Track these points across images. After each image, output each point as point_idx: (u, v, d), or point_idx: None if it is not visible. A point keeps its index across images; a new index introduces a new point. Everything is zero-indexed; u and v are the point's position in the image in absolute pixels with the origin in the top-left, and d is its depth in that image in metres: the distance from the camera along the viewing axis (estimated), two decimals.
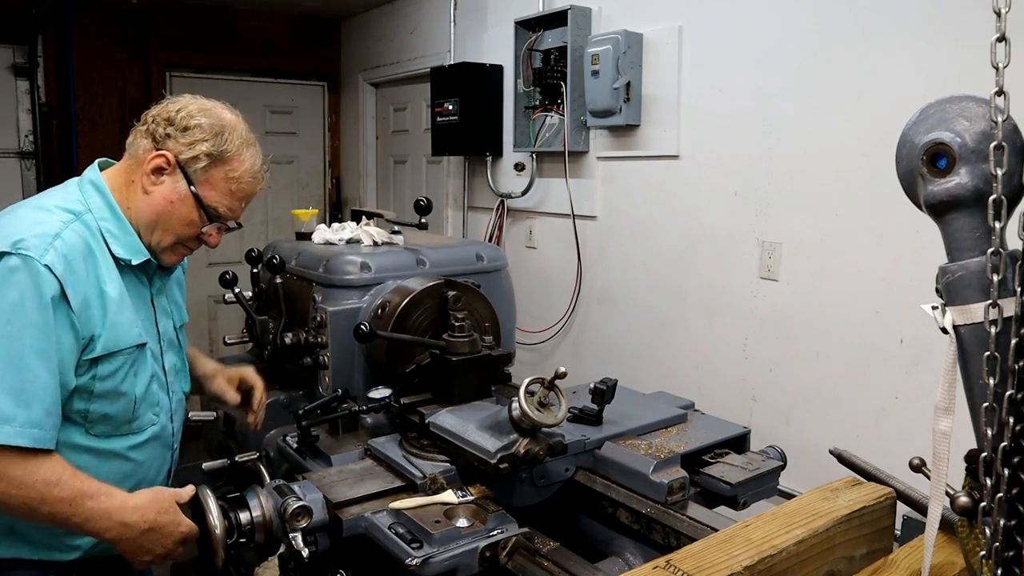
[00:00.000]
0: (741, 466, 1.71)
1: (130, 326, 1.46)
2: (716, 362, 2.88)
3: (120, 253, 1.46)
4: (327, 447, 1.84)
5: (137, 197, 1.48)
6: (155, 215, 1.48)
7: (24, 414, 1.29)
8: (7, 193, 4.63)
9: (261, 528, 1.50)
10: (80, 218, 1.43)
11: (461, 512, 1.50)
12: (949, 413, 0.91)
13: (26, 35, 4.51)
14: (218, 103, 1.56)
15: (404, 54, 4.73)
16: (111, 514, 1.39)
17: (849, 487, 1.29)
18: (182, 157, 1.46)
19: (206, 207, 1.50)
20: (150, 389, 1.53)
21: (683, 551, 1.13)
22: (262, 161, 1.58)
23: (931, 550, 0.99)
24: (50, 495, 1.32)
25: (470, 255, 2.42)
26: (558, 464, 1.69)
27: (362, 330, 1.86)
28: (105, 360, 1.41)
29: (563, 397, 1.54)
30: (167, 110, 1.50)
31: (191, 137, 1.47)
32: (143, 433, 1.53)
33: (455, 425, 1.63)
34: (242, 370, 1.93)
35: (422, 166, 4.82)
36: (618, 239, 3.28)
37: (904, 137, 0.97)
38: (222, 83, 5.14)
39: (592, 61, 3.04)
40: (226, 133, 1.49)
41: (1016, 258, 0.84)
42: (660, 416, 1.86)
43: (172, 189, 1.48)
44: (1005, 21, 0.83)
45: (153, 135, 1.48)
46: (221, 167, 1.50)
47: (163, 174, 1.47)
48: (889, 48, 2.28)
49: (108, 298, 1.41)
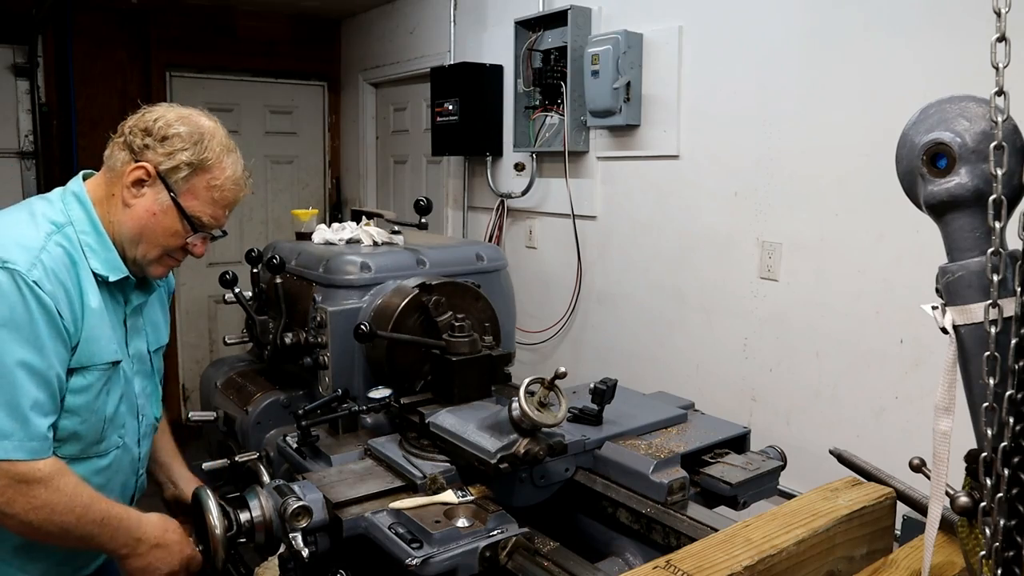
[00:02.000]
0: (741, 466, 1.71)
1: (107, 341, 1.44)
2: (716, 362, 2.88)
3: (98, 269, 1.43)
4: (327, 447, 1.84)
5: (118, 210, 1.45)
6: (138, 228, 1.45)
7: (22, 431, 1.28)
8: (7, 193, 4.63)
9: (261, 528, 1.49)
10: (62, 230, 1.40)
11: (461, 512, 1.50)
12: (949, 413, 0.91)
13: (26, 35, 4.51)
14: (195, 110, 1.52)
15: (404, 54, 4.73)
16: (130, 531, 1.42)
17: (849, 487, 1.29)
18: (162, 168, 1.43)
19: (190, 217, 1.47)
20: (119, 410, 1.50)
21: (683, 551, 1.13)
22: (243, 167, 1.54)
23: (931, 550, 0.99)
24: (85, 517, 1.35)
25: (470, 255, 2.42)
26: (558, 464, 1.68)
27: (362, 330, 1.86)
28: (79, 373, 1.38)
29: (563, 397, 1.54)
30: (144, 120, 1.46)
31: (170, 147, 1.43)
32: (107, 456, 1.50)
33: (455, 425, 1.63)
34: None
35: (422, 166, 4.82)
36: (618, 239, 3.28)
37: (904, 137, 0.97)
38: (222, 83, 5.14)
39: (592, 61, 3.03)
40: (205, 141, 1.46)
41: (1016, 258, 0.84)
42: (660, 416, 1.86)
43: (154, 201, 1.44)
44: (1005, 21, 0.83)
45: (131, 146, 1.44)
46: (203, 175, 1.46)
47: (144, 186, 1.44)
48: (889, 48, 2.28)
49: (89, 310, 1.39)
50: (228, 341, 2.48)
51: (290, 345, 2.16)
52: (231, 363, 2.61)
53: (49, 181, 4.68)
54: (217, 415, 2.35)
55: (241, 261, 2.39)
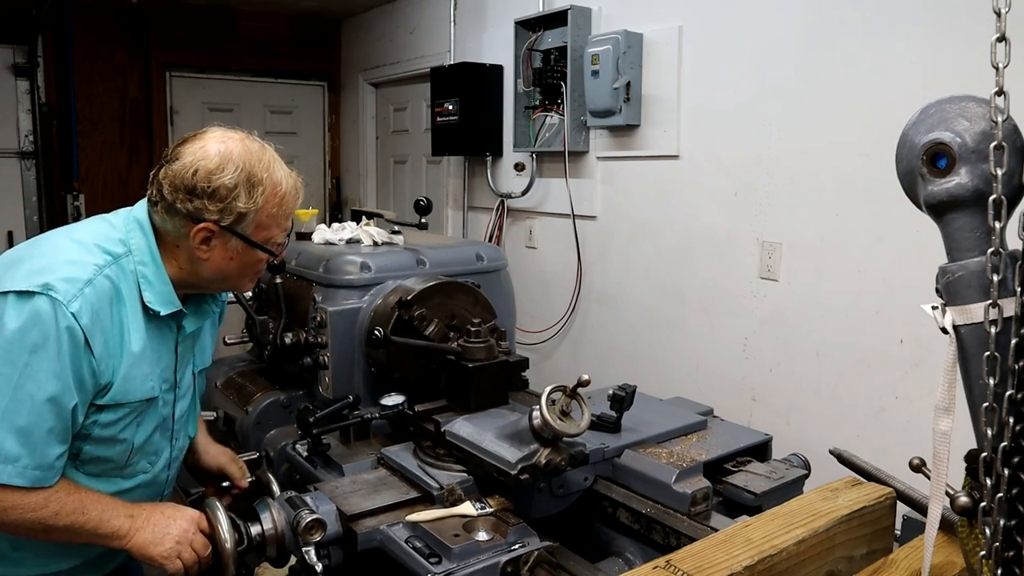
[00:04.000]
0: (765, 475, 1.64)
1: (144, 379, 1.39)
2: (716, 362, 2.88)
3: (151, 302, 1.38)
4: (338, 456, 1.79)
5: (185, 259, 1.41)
6: (220, 273, 1.42)
7: (29, 457, 1.25)
8: (7, 193, 4.64)
9: (273, 541, 1.44)
10: (118, 261, 1.35)
11: (480, 525, 1.45)
12: (949, 413, 0.91)
13: (26, 35, 4.51)
14: (217, 133, 1.40)
15: (404, 54, 4.73)
16: (118, 508, 1.36)
17: (849, 487, 1.29)
18: (224, 224, 1.36)
19: (265, 246, 1.43)
20: (151, 439, 1.46)
21: (683, 551, 1.13)
22: (290, 169, 1.46)
23: (931, 550, 0.99)
24: (63, 508, 1.30)
25: (470, 255, 2.42)
26: (577, 473, 1.62)
27: (375, 336, 1.81)
28: (110, 409, 1.35)
29: (585, 405, 1.48)
30: (181, 178, 1.34)
31: (222, 201, 1.34)
32: (133, 479, 1.46)
33: (472, 434, 1.58)
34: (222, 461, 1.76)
35: (422, 166, 4.82)
36: (618, 239, 3.28)
37: (904, 137, 0.97)
38: (222, 83, 5.15)
39: (592, 61, 3.04)
40: (253, 177, 1.36)
41: (1016, 258, 0.84)
42: (679, 423, 1.80)
43: (226, 249, 1.39)
44: (1005, 21, 0.83)
45: (181, 212, 1.35)
46: (264, 208, 1.39)
47: (212, 240, 1.38)
48: (889, 48, 2.28)
49: (128, 350, 1.35)
50: (228, 341, 2.48)
51: (290, 345, 2.16)
52: (231, 363, 2.61)
53: (49, 181, 4.69)
54: (217, 415, 2.35)
55: None
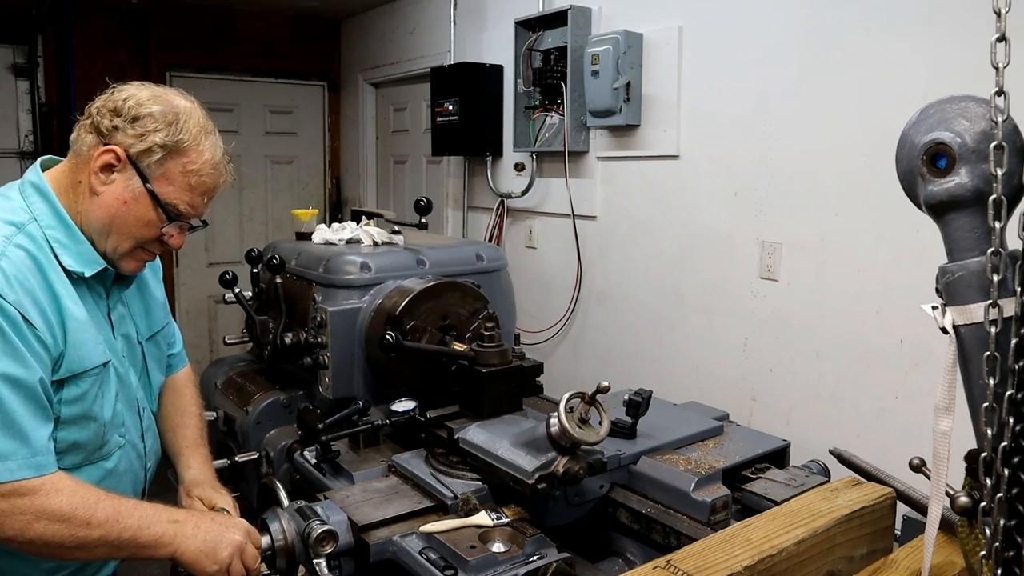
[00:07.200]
0: (784, 482, 1.61)
1: (94, 344, 1.32)
2: (716, 362, 2.88)
3: (71, 265, 1.30)
4: (348, 463, 1.76)
5: (85, 199, 1.33)
6: (108, 218, 1.32)
7: (23, 446, 1.19)
8: None
9: (283, 553, 1.40)
10: (23, 229, 1.28)
11: (497, 535, 1.42)
12: (949, 413, 0.91)
13: (26, 35, 4.51)
14: (170, 89, 1.39)
15: (404, 54, 4.73)
16: (159, 513, 1.29)
17: (849, 487, 1.29)
18: (133, 151, 1.30)
19: (164, 204, 1.33)
20: (116, 410, 1.39)
21: (683, 551, 1.13)
22: (223, 151, 1.41)
23: (931, 550, 0.99)
24: (94, 517, 1.22)
25: (470, 255, 2.42)
26: (592, 480, 1.59)
27: (387, 341, 1.78)
28: (71, 382, 1.28)
29: (604, 413, 1.45)
30: (113, 100, 1.33)
31: (142, 128, 1.30)
32: (111, 458, 1.40)
33: (487, 441, 1.55)
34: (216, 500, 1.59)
35: (422, 166, 4.82)
36: (618, 239, 3.28)
37: (904, 137, 0.97)
38: (222, 83, 5.14)
39: (592, 61, 3.03)
40: (181, 121, 1.33)
41: (1016, 258, 0.84)
42: (696, 429, 1.77)
43: (124, 187, 1.31)
44: (1005, 21, 0.83)
45: (98, 128, 1.31)
46: (178, 159, 1.32)
47: (113, 171, 1.31)
48: (889, 48, 2.28)
49: (68, 314, 1.28)
50: (228, 341, 2.48)
51: (290, 345, 2.16)
52: (231, 363, 2.61)
53: None
54: (217, 415, 2.35)
55: (241, 261, 2.39)
